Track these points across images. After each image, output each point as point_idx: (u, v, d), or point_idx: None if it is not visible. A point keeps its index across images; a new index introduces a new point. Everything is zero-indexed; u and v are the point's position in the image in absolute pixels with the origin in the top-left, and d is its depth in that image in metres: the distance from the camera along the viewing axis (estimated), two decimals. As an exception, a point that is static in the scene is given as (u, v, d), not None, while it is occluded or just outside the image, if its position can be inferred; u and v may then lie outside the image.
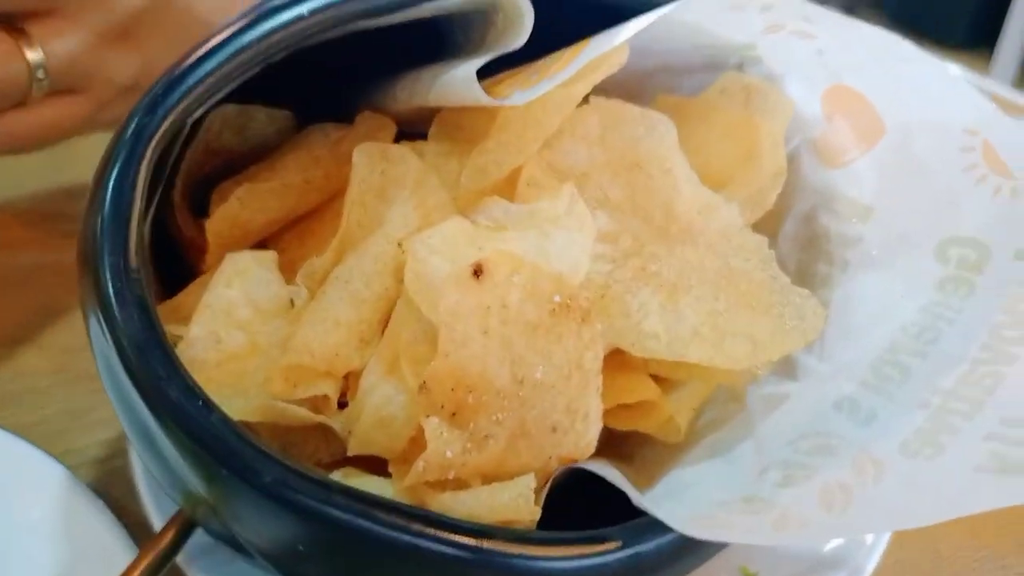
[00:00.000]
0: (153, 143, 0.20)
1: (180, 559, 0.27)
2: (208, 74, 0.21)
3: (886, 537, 0.31)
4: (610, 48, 0.23)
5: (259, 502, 0.18)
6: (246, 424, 0.23)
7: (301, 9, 0.22)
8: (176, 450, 0.18)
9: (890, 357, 0.25)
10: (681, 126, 0.28)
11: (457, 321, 0.20)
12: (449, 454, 0.20)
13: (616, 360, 0.26)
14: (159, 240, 0.28)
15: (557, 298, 0.22)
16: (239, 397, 0.22)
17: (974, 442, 0.21)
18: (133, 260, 0.19)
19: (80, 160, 0.53)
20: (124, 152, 0.20)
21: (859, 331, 0.26)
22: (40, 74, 0.35)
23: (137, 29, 0.38)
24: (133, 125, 0.20)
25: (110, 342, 0.18)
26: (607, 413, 0.25)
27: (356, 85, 0.31)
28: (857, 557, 0.30)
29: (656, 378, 0.26)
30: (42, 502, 0.29)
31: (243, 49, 0.21)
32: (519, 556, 0.19)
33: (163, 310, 0.24)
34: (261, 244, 0.28)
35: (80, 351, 0.41)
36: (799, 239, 0.29)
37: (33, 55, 0.35)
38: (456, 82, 0.24)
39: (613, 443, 0.27)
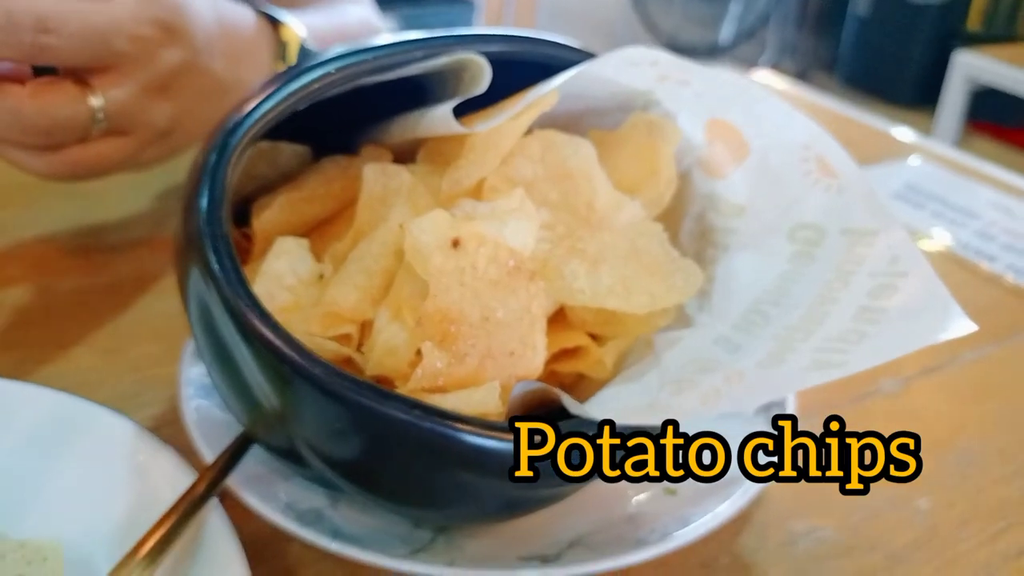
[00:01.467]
0: (237, 151, 0.29)
1: (233, 483, 0.35)
2: (269, 109, 0.30)
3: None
4: (543, 93, 0.33)
5: (313, 393, 0.27)
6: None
7: (330, 68, 0.32)
8: (254, 360, 0.27)
9: (755, 307, 0.34)
10: (604, 151, 0.38)
11: (442, 276, 0.30)
12: (439, 365, 0.29)
13: (561, 321, 0.35)
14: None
15: (512, 263, 0.31)
16: (288, 337, 0.31)
17: (805, 354, 0.31)
18: (224, 230, 0.28)
19: (103, 205, 0.62)
20: (215, 152, 0.29)
21: (735, 293, 0.36)
22: (100, 116, 0.44)
23: (172, 85, 0.47)
24: (220, 136, 0.29)
25: (209, 284, 0.27)
26: (555, 359, 0.35)
27: (358, 128, 0.41)
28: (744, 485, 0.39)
29: (592, 336, 0.36)
30: (118, 446, 0.37)
31: (292, 93, 0.31)
32: (479, 434, 0.28)
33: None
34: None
35: (123, 351, 0.49)
36: (694, 233, 0.38)
37: (95, 100, 0.44)
38: (437, 118, 0.33)
39: (562, 385, 0.36)
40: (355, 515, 0.35)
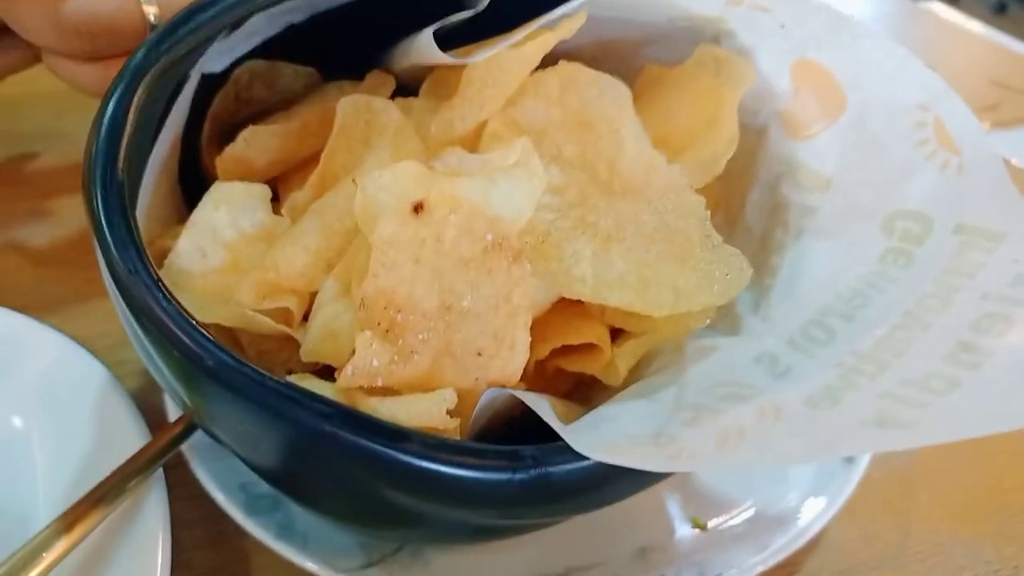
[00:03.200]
0: (145, 80, 0.24)
1: (185, 450, 0.31)
2: (192, 30, 0.25)
3: (839, 502, 0.32)
4: (561, 15, 0.25)
5: (212, 386, 0.22)
6: (228, 331, 0.27)
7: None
8: (147, 341, 0.22)
9: (819, 319, 0.26)
10: (658, 92, 0.30)
11: (389, 248, 0.23)
12: (375, 363, 0.23)
13: (574, 308, 0.28)
14: (193, 172, 0.32)
15: (490, 237, 0.24)
16: (218, 305, 0.25)
17: (869, 398, 0.22)
18: (119, 174, 0.23)
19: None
20: (120, 87, 0.24)
21: (800, 295, 0.27)
22: (155, 23, 0.40)
23: None
24: (130, 66, 0.24)
25: (96, 237, 0.22)
26: (562, 353, 0.28)
27: (373, 50, 0.34)
28: (806, 519, 0.31)
29: (615, 330, 0.29)
30: (84, 394, 0.34)
31: (224, 11, 0.25)
32: (412, 452, 0.21)
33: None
34: (272, 182, 0.31)
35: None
36: (764, 206, 0.30)
37: (149, 7, 0.40)
38: (423, 44, 0.26)
39: (568, 383, 0.30)
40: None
